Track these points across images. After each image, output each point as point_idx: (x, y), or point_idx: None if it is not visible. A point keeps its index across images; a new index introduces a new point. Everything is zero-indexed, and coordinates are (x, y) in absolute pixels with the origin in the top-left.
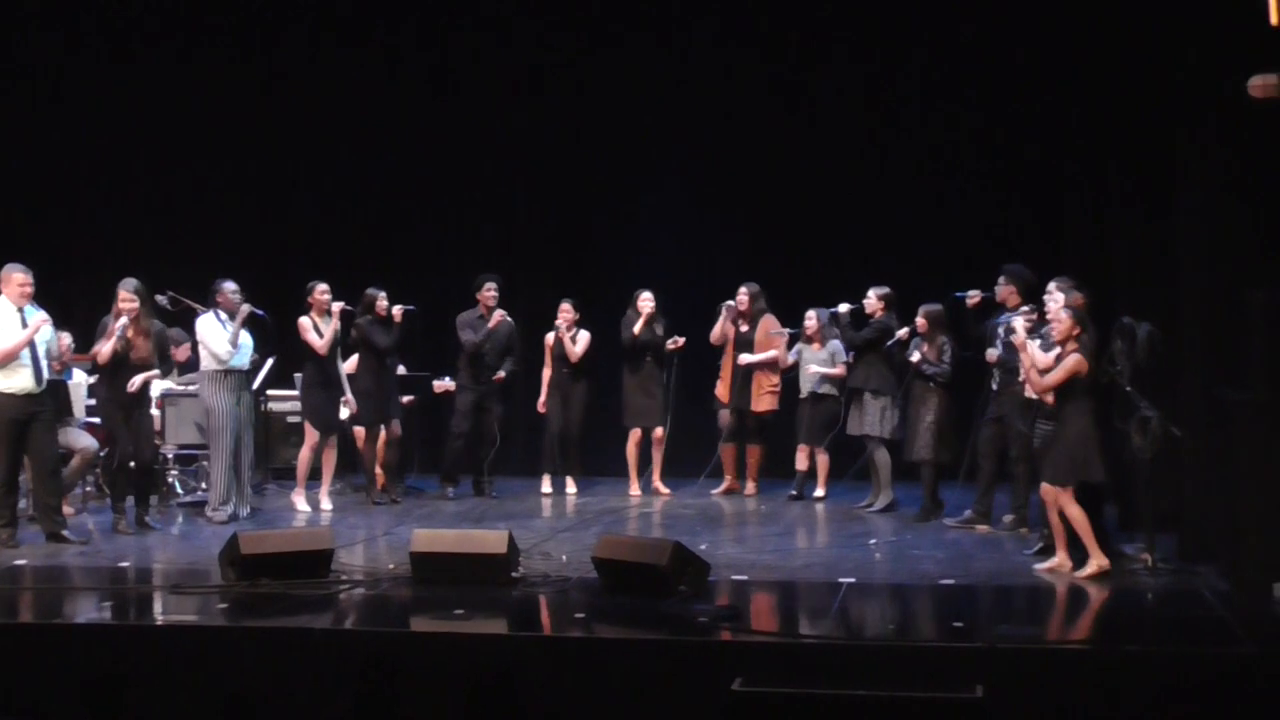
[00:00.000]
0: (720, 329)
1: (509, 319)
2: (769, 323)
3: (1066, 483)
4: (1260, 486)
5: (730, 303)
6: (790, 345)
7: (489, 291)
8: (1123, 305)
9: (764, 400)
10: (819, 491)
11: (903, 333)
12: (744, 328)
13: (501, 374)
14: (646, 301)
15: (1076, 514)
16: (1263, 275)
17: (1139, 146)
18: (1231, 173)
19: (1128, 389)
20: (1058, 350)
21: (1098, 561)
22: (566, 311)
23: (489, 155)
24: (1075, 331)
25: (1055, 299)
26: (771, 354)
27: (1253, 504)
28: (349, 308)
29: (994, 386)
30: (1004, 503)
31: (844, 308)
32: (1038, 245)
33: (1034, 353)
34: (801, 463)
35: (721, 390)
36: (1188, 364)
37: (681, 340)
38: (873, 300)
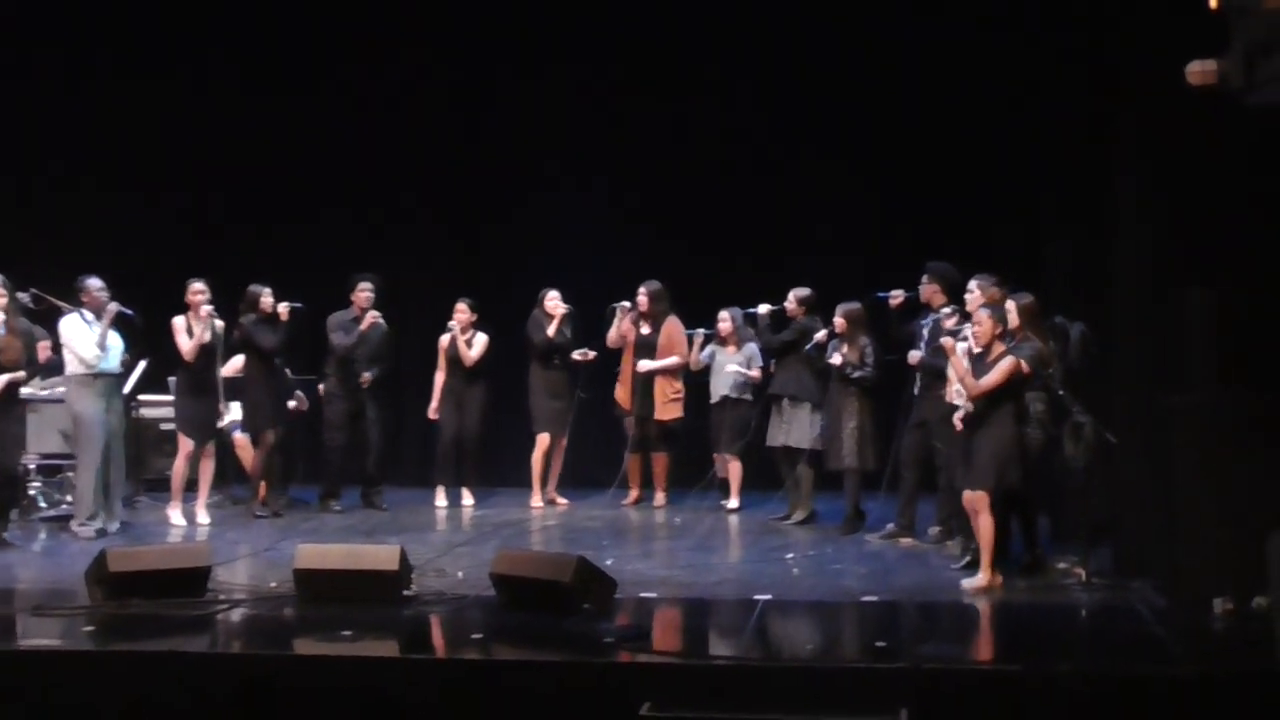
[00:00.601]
0: (617, 331)
1: (382, 321)
2: (674, 326)
3: (983, 487)
4: (1199, 495)
5: (625, 303)
6: (703, 347)
7: (363, 292)
8: (1054, 305)
9: (668, 408)
10: (732, 502)
11: (821, 335)
12: (645, 330)
13: (367, 376)
14: (554, 300)
15: (986, 525)
16: (1200, 273)
17: (1070, 139)
18: (1167, 167)
19: (1060, 393)
20: (965, 355)
21: (987, 577)
22: (462, 312)
23: (381, 147)
24: (998, 331)
25: (974, 298)
26: (673, 360)
27: (1191, 514)
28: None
29: (916, 390)
30: (929, 513)
31: (763, 308)
32: (964, 242)
33: (958, 361)
34: (723, 471)
35: (621, 395)
36: (1122, 366)
37: (592, 354)
38: (793, 303)
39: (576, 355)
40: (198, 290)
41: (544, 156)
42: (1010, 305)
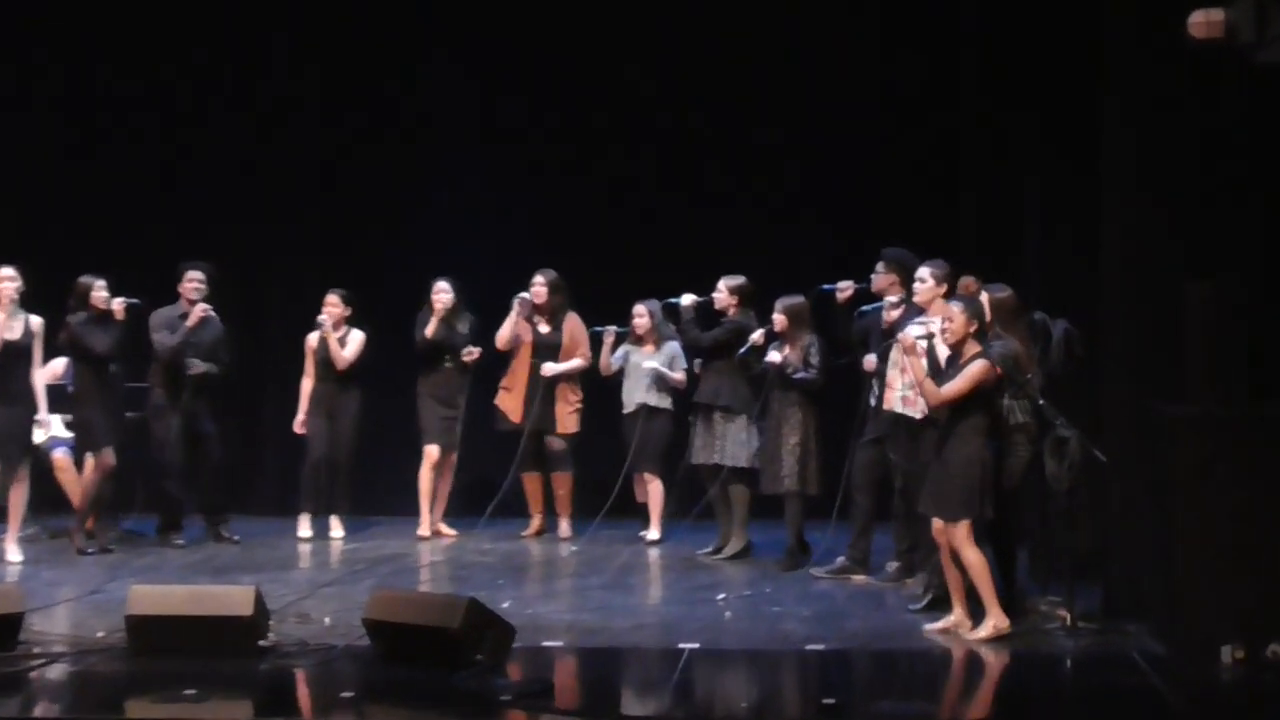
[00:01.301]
0: (510, 329)
1: (214, 315)
2: (576, 323)
3: (959, 517)
4: (1204, 523)
5: (524, 295)
6: (614, 348)
7: (191, 283)
8: (1034, 299)
9: (570, 420)
10: (652, 533)
11: (757, 335)
12: (543, 327)
13: (198, 365)
14: (441, 294)
15: (975, 559)
16: (1202, 264)
17: (1055, 108)
18: (1162, 143)
19: (1040, 402)
20: (924, 352)
21: (995, 621)
22: (334, 305)
23: (240, 110)
24: (972, 329)
25: (926, 288)
26: (577, 363)
27: (1195, 545)
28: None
29: (872, 401)
30: (887, 546)
31: (687, 300)
32: (929, 228)
33: (916, 362)
34: (642, 494)
35: (509, 403)
36: (1113, 371)
37: (476, 351)
38: (723, 293)
39: (464, 355)
40: (6, 277)
41: (437, 122)
42: (984, 298)
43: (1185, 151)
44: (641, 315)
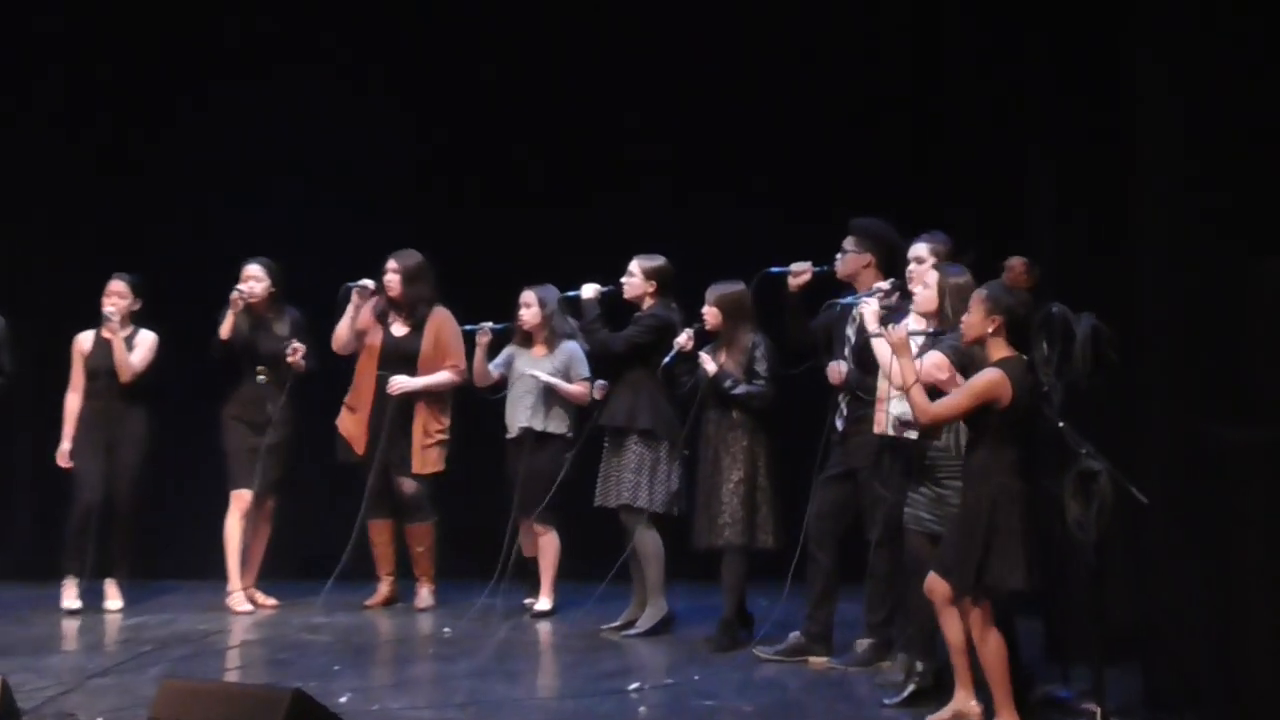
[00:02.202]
0: (349, 326)
1: None
2: (444, 322)
3: (972, 587)
4: (1277, 586)
5: (365, 283)
6: (493, 353)
7: None
8: (1050, 285)
9: (430, 455)
10: (542, 602)
11: (683, 338)
12: (398, 328)
13: None
14: (251, 281)
15: (994, 645)
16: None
17: (1073, 60)
18: (1213, 81)
19: (1060, 424)
20: (933, 356)
21: None
22: (118, 296)
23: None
24: (992, 326)
25: (926, 271)
26: (443, 377)
27: (1263, 616)
28: None
29: (839, 422)
30: (855, 617)
31: (589, 290)
32: (909, 200)
33: (896, 355)
34: (531, 547)
35: (353, 428)
36: (1156, 381)
37: (300, 349)
38: (636, 278)
39: (288, 355)
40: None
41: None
42: (935, 281)
43: (1245, 86)
44: (530, 305)
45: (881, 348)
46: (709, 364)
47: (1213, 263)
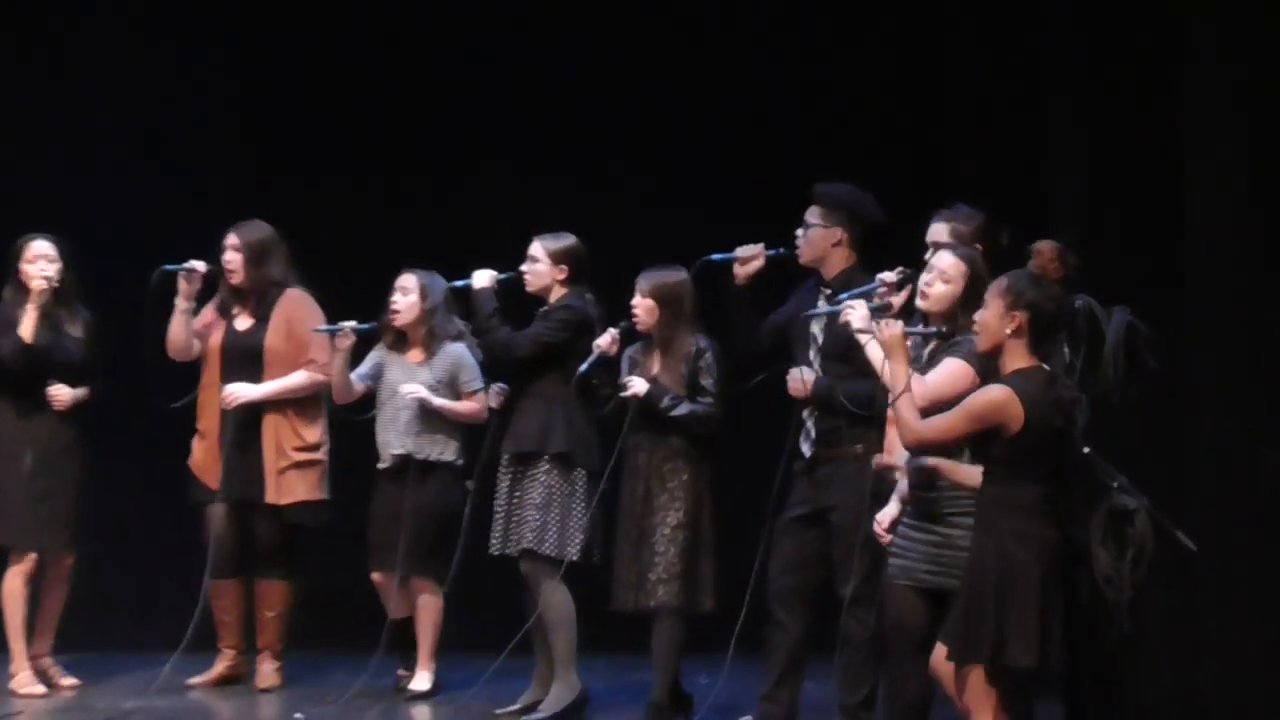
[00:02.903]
0: (183, 325)
1: None
2: (298, 308)
3: (979, 660)
4: None
5: (193, 264)
6: (354, 361)
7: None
8: (1077, 276)
9: (289, 481)
10: (420, 680)
11: (606, 340)
12: (242, 320)
13: None
14: (41, 263)
15: None
16: None
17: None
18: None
19: (1085, 450)
20: (951, 366)
21: None
22: None
23: None
24: (1011, 326)
25: (948, 263)
26: (300, 378)
27: None
28: None
29: (804, 447)
30: (825, 697)
31: (483, 279)
32: (894, 169)
33: (886, 358)
34: (401, 608)
35: (202, 458)
36: (1206, 395)
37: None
38: (542, 263)
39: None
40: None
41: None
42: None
43: None
44: (407, 294)
45: (875, 352)
46: (637, 384)
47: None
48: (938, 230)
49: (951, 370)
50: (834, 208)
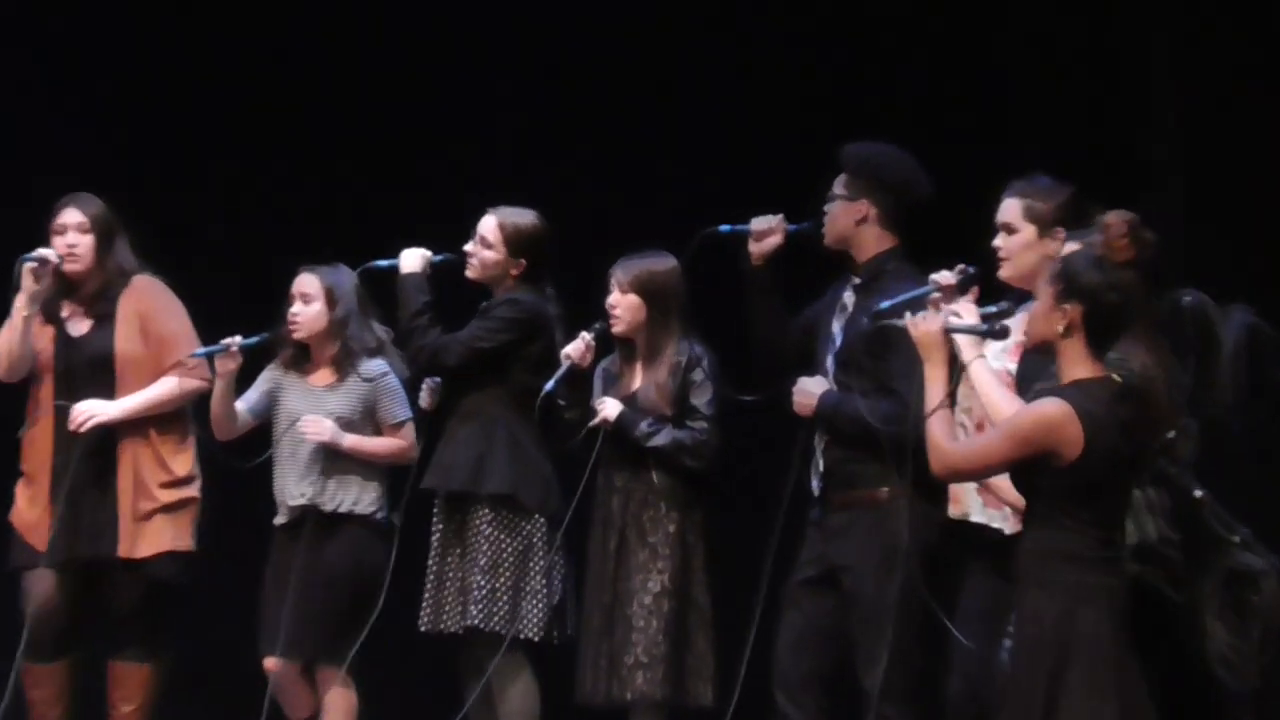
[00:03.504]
0: (20, 335)
1: None
2: (146, 294)
3: None
4: None
5: (44, 253)
6: (245, 380)
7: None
8: (1179, 268)
9: (154, 529)
10: None
11: (575, 348)
12: (78, 324)
13: None
14: None
15: None
16: None
17: None
18: None
19: (1195, 493)
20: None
21: None
22: None
23: None
24: (1063, 322)
25: (1021, 240)
26: (165, 388)
27: None
28: None
29: (813, 484)
30: None
31: (413, 260)
32: (937, 133)
33: (984, 383)
34: (302, 706)
35: (27, 510)
36: None
37: None
38: (494, 245)
39: None
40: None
41: None
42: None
43: None
44: (310, 299)
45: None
46: (610, 407)
47: None
48: (1010, 208)
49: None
50: (863, 173)
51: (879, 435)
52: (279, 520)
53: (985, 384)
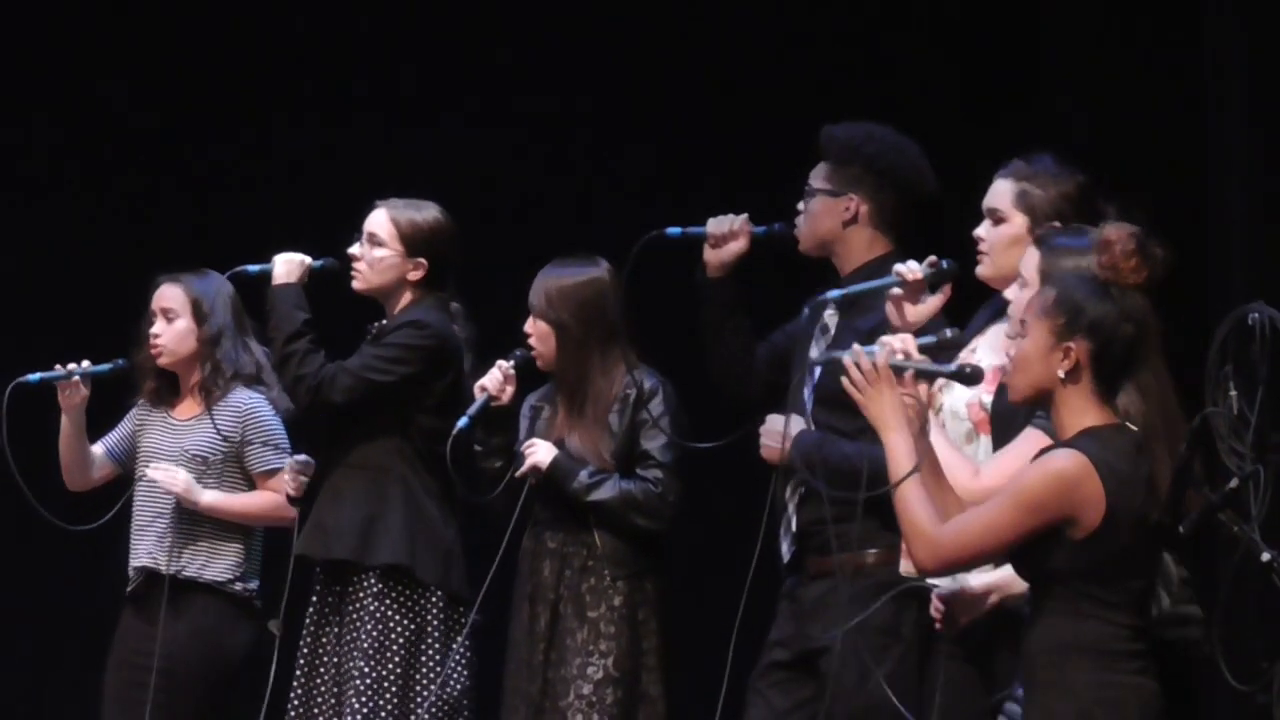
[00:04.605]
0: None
1: None
2: None
3: None
4: None
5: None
6: (81, 423)
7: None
8: (1164, 277)
9: None
10: None
11: (493, 379)
12: None
13: None
14: None
15: None
16: None
17: None
18: None
19: (1264, 557)
20: (1031, 441)
21: None
22: None
23: None
24: (1065, 365)
25: (1010, 244)
26: None
27: None
28: None
29: (784, 547)
30: None
31: (290, 267)
32: (938, 114)
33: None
34: None
35: None
36: None
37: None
38: (388, 245)
39: None
40: None
41: None
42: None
43: None
44: (174, 315)
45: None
46: (538, 449)
47: None
48: (1000, 192)
49: (1030, 447)
50: (848, 160)
51: (870, 485)
52: (129, 587)
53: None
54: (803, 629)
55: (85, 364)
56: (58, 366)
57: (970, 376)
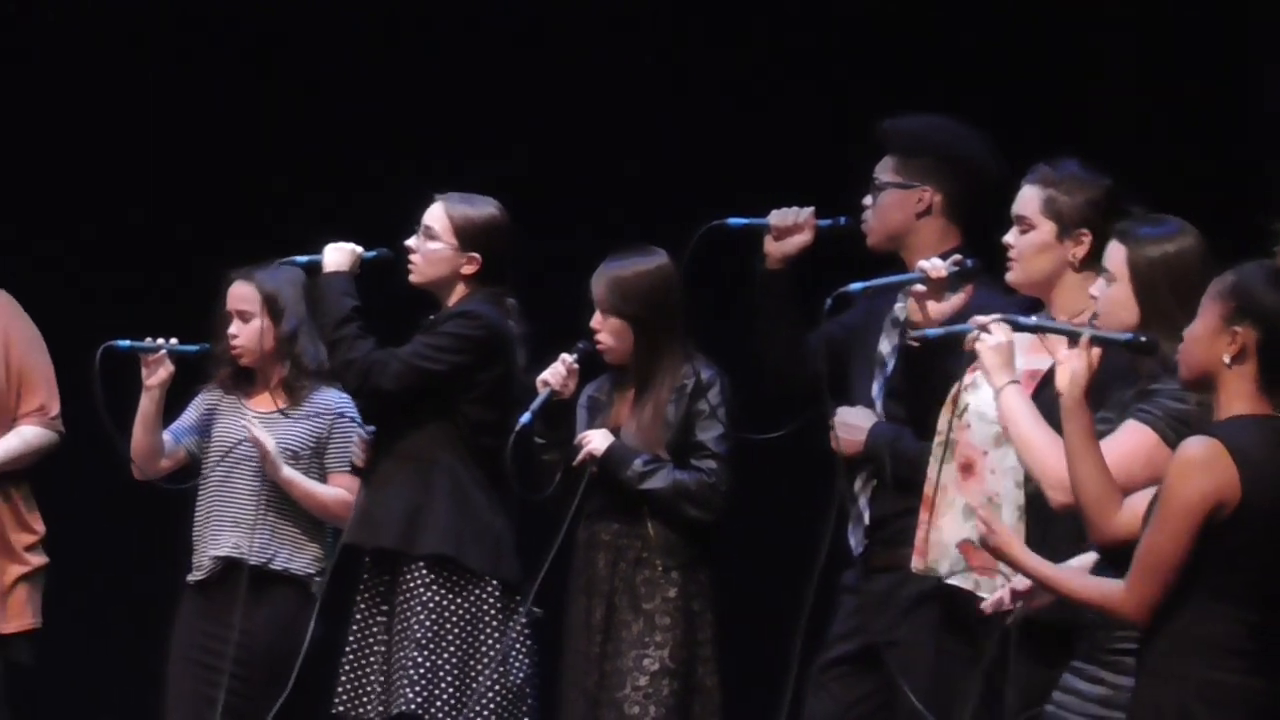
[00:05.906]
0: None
1: None
2: (29, 345)
3: None
4: None
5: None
6: (160, 403)
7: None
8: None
9: (18, 601)
10: None
11: (556, 372)
12: None
13: None
14: None
15: None
16: None
17: None
18: None
19: None
20: (1132, 437)
21: None
22: None
23: None
24: (1232, 350)
25: (1036, 245)
26: (32, 437)
27: None
28: None
29: (852, 540)
30: None
31: (341, 256)
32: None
33: (1020, 421)
34: None
35: None
36: None
37: None
38: (442, 239)
39: None
40: None
41: None
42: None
43: None
44: (249, 315)
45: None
46: (595, 438)
47: None
48: (1028, 199)
49: (1133, 444)
50: (914, 153)
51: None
52: (193, 577)
53: (1021, 421)
54: (868, 619)
55: (174, 341)
56: (148, 339)
57: (1145, 346)
